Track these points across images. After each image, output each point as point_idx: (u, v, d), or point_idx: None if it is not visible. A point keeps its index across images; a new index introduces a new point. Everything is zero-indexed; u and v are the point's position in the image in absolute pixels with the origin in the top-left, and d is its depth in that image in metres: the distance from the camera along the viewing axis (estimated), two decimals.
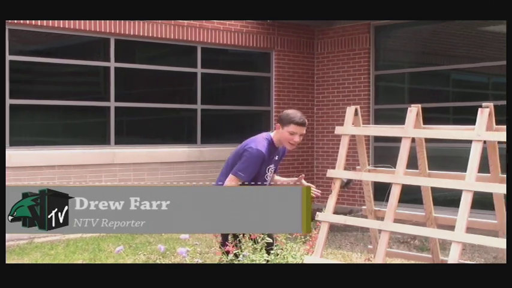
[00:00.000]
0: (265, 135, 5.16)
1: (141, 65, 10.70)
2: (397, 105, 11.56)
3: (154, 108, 10.97)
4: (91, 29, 9.82)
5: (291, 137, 4.90)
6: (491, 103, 3.51)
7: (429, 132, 3.87)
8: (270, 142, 5.03)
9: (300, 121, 4.87)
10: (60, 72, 10.02)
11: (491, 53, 11.08)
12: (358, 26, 12.01)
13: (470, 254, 7.61)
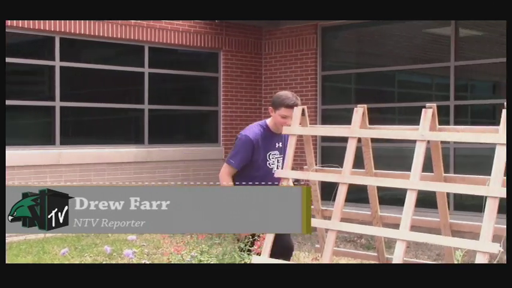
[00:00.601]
0: (261, 122, 4.98)
1: (87, 65, 10.56)
2: (344, 105, 11.69)
3: (101, 108, 10.83)
4: (35, 28, 9.64)
5: (284, 120, 4.66)
6: (435, 104, 3.58)
7: (375, 132, 3.92)
8: (264, 128, 4.85)
9: (291, 103, 4.64)
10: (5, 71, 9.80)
11: (435, 54, 11.31)
12: (305, 27, 12.10)
13: (415, 251, 7.76)
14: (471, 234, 3.69)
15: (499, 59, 10.54)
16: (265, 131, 4.83)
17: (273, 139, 4.84)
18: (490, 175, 3.19)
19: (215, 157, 12.18)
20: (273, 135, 4.84)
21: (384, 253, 4.43)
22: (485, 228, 3.09)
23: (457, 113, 10.53)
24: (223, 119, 12.33)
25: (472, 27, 10.83)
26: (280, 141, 4.90)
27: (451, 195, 9.50)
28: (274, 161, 4.85)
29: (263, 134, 4.79)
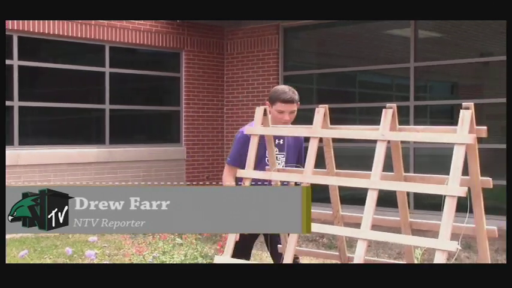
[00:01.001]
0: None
1: (46, 64, 10.42)
2: (305, 105, 11.74)
3: (61, 108, 10.70)
4: None
5: (280, 116, 4.55)
6: (395, 104, 3.62)
7: (336, 132, 3.95)
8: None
9: (287, 98, 4.54)
10: None
11: (395, 55, 11.45)
12: (267, 27, 12.12)
13: (376, 250, 7.83)
14: (431, 233, 3.74)
15: (458, 60, 10.73)
16: None
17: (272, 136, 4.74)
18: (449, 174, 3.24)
19: (177, 157, 12.13)
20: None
21: (346, 252, 4.46)
22: (444, 227, 3.13)
23: (417, 113, 10.68)
24: (185, 119, 12.29)
25: (431, 28, 10.99)
26: (280, 138, 4.75)
27: (411, 194, 9.63)
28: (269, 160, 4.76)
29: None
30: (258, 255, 7.83)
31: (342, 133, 3.98)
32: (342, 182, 3.92)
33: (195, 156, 12.44)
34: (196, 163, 12.50)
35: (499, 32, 10.50)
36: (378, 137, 3.56)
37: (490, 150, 9.71)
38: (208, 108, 12.64)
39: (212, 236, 5.45)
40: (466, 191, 3.18)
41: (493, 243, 7.62)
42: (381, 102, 9.23)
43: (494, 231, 3.64)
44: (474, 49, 10.74)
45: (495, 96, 10.45)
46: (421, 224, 4.14)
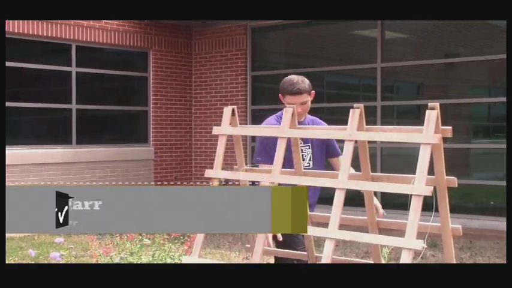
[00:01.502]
0: (278, 113, 4.53)
1: (11, 63, 10.27)
2: (274, 105, 11.77)
3: (27, 108, 10.57)
4: None
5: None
6: (362, 104, 3.64)
7: (304, 132, 3.97)
8: (280, 117, 4.40)
9: (294, 90, 4.37)
10: None
11: (362, 56, 11.53)
12: (235, 27, 12.13)
13: (343, 249, 7.88)
14: (397, 232, 3.77)
15: (424, 61, 10.86)
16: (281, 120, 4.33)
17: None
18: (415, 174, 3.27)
19: (145, 157, 12.06)
20: (292, 124, 4.42)
21: (314, 251, 4.48)
22: (410, 226, 3.16)
23: (384, 113, 10.77)
24: (153, 119, 12.23)
25: (397, 29, 11.09)
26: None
27: (378, 193, 9.70)
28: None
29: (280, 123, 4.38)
30: (226, 255, 7.82)
31: (310, 133, 4.00)
32: (310, 182, 3.93)
33: (163, 157, 12.39)
34: (165, 163, 12.44)
35: (464, 33, 10.65)
36: (345, 137, 3.58)
37: (455, 150, 9.85)
38: (176, 108, 12.60)
39: (180, 237, 5.42)
40: (431, 190, 3.22)
41: (457, 241, 7.73)
42: (348, 103, 9.30)
43: (459, 229, 3.69)
44: (440, 50, 10.87)
45: (460, 97, 10.60)
46: (388, 223, 4.18)
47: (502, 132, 10.62)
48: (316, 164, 4.49)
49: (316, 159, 4.51)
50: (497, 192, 10.06)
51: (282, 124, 3.88)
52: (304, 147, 4.47)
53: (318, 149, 4.51)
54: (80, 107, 11.21)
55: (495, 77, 10.59)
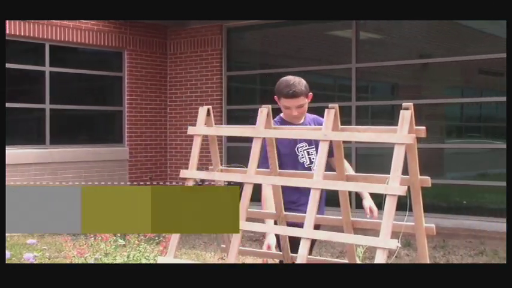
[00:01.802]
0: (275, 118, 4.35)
1: None
2: (249, 105, 11.78)
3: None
4: None
5: (288, 111, 4.22)
6: (337, 104, 3.66)
7: (279, 133, 3.97)
8: (278, 122, 4.31)
9: (290, 93, 4.16)
10: None
11: (337, 56, 11.58)
12: (211, 27, 12.11)
13: (318, 249, 7.91)
14: (372, 231, 3.79)
15: (398, 61, 10.93)
16: (281, 123, 4.27)
17: None
18: (389, 174, 3.29)
19: (120, 158, 12.00)
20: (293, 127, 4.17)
21: (289, 252, 4.49)
22: (385, 225, 3.18)
23: (359, 113, 10.83)
24: (128, 119, 12.16)
25: (371, 30, 11.16)
26: None
27: (353, 193, 9.76)
28: (304, 154, 4.31)
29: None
30: (201, 256, 7.81)
31: (285, 133, 4.01)
32: (285, 182, 3.94)
33: (138, 157, 12.33)
34: (139, 163, 12.39)
35: (438, 34, 10.75)
36: (321, 137, 3.60)
37: (428, 150, 9.93)
38: (151, 108, 12.54)
39: (155, 237, 5.40)
40: (405, 190, 3.24)
41: (431, 240, 7.80)
42: (323, 103, 9.32)
43: (433, 228, 3.72)
44: (414, 50, 10.96)
45: (434, 97, 10.69)
46: (363, 222, 4.20)
47: (475, 132, 10.73)
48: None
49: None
50: (470, 191, 10.16)
51: (257, 124, 3.88)
52: (310, 149, 4.32)
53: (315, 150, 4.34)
54: (54, 106, 11.11)
55: (468, 77, 10.70)
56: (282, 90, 4.18)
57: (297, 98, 4.17)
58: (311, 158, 4.24)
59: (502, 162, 9.60)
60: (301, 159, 4.26)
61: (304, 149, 4.22)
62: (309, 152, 4.23)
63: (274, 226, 4.21)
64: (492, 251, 7.58)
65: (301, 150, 4.24)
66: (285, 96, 4.17)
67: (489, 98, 10.46)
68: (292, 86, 4.14)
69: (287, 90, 4.15)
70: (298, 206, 4.30)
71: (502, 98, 10.26)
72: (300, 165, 4.22)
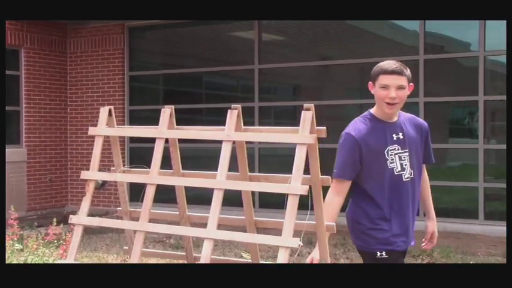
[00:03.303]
0: (364, 114, 3.79)
1: None
2: (152, 106, 11.67)
3: None
4: None
5: (385, 93, 3.57)
6: (240, 105, 3.69)
7: (182, 133, 3.96)
8: (369, 119, 3.69)
9: (390, 68, 3.57)
10: None
11: (240, 57, 11.66)
12: (112, 26, 11.91)
13: (222, 249, 7.94)
14: (275, 231, 3.84)
15: (300, 62, 11.12)
16: (372, 122, 3.67)
17: (386, 130, 3.64)
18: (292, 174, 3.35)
19: (17, 159, 11.61)
20: (385, 125, 3.66)
21: (192, 252, 4.48)
22: (287, 225, 3.24)
23: (261, 114, 10.95)
24: (25, 120, 11.78)
25: (274, 31, 11.31)
26: (397, 131, 3.67)
27: (256, 193, 9.85)
28: (394, 159, 3.63)
29: (370, 127, 3.64)
30: (103, 258, 7.68)
31: (188, 134, 4.00)
32: (188, 183, 3.94)
33: (37, 158, 11.96)
34: (38, 165, 12.02)
35: (338, 36, 11.02)
36: (224, 137, 3.61)
37: (329, 150, 10.16)
38: (50, 108, 12.20)
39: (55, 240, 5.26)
40: (307, 190, 3.31)
41: (332, 238, 7.98)
42: (226, 103, 9.38)
43: (333, 227, 3.81)
44: (315, 52, 11.18)
45: (334, 98, 10.95)
46: (266, 222, 4.25)
47: None
48: (417, 176, 3.71)
49: (415, 166, 3.70)
50: None
51: (159, 124, 3.85)
52: (403, 153, 3.67)
53: (416, 155, 3.73)
54: None
55: (367, 79, 11.03)
56: (382, 66, 3.62)
57: (400, 75, 3.58)
58: (403, 165, 3.62)
59: None
60: (391, 165, 3.62)
61: (396, 152, 3.62)
62: (401, 157, 3.62)
63: (176, 227, 4.19)
64: None
65: (392, 154, 3.62)
66: (385, 73, 3.58)
67: None
68: (395, 64, 3.63)
69: (388, 66, 3.60)
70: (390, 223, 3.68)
71: None
72: (388, 171, 3.62)
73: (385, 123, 3.66)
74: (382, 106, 3.61)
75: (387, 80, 3.57)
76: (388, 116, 3.66)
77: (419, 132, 3.73)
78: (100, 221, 4.25)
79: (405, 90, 3.59)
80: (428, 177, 4.00)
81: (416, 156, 3.69)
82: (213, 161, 4.48)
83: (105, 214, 10.68)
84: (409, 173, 3.64)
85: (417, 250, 7.25)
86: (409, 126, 3.70)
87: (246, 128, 3.79)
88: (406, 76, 3.59)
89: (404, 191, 3.63)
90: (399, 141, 3.63)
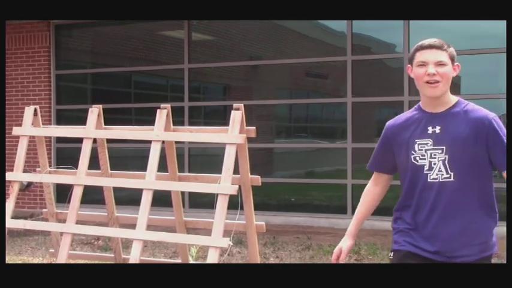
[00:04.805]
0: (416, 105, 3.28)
1: None
2: (80, 105, 11.46)
3: None
4: None
5: (423, 71, 3.04)
6: (169, 105, 3.67)
7: (110, 133, 3.91)
8: (415, 108, 3.21)
9: (427, 43, 3.09)
10: None
11: (170, 56, 11.59)
12: (37, 24, 11.63)
13: (152, 250, 7.87)
14: (205, 231, 3.84)
15: (229, 62, 11.15)
16: (415, 112, 3.19)
17: (423, 121, 3.13)
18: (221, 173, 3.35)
19: None
20: (428, 117, 3.12)
21: (121, 253, 4.43)
22: (216, 225, 3.24)
23: (191, 113, 10.91)
24: None
25: (204, 31, 11.29)
26: (438, 123, 3.09)
27: (186, 193, 9.81)
28: (425, 155, 3.07)
29: (408, 118, 3.19)
30: (29, 261, 7.49)
31: (117, 133, 3.95)
32: (117, 183, 3.90)
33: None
34: None
35: (268, 36, 11.10)
36: (153, 137, 3.59)
37: (259, 150, 10.22)
38: None
39: None
40: (237, 189, 3.32)
41: (262, 237, 8.04)
42: (156, 103, 9.30)
43: (263, 226, 3.84)
44: (244, 52, 11.22)
45: (264, 98, 11.02)
46: (195, 222, 4.25)
47: (303, 132, 11.20)
48: (461, 179, 3.04)
49: (460, 168, 3.04)
50: (299, 189, 10.59)
51: (87, 124, 3.79)
52: (435, 150, 3.07)
53: (461, 154, 3.05)
54: None
55: (296, 79, 11.14)
56: (419, 43, 3.14)
57: (438, 50, 3.07)
58: (431, 163, 3.05)
59: (326, 161, 10.13)
60: (420, 161, 3.08)
61: (427, 148, 3.06)
62: (432, 154, 3.06)
63: (104, 228, 4.13)
64: (317, 245, 7.93)
65: (422, 149, 3.08)
66: (421, 48, 3.09)
67: (315, 99, 10.99)
68: (434, 39, 3.13)
69: (425, 41, 3.12)
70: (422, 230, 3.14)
71: (326, 100, 10.82)
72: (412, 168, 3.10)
73: (426, 113, 3.12)
74: (423, 89, 3.09)
75: (422, 56, 3.07)
76: (433, 104, 3.11)
77: (474, 128, 3.03)
78: (25, 223, 4.15)
79: (447, 67, 3.05)
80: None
81: (464, 156, 3.03)
82: (142, 161, 4.45)
83: (30, 216, 10.43)
84: (438, 174, 3.04)
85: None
86: (459, 118, 3.07)
87: (176, 127, 3.77)
88: (447, 52, 3.07)
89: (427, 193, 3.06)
90: (434, 135, 3.06)
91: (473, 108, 3.10)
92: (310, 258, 7.41)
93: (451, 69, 3.06)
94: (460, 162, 3.02)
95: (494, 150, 3.02)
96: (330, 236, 8.37)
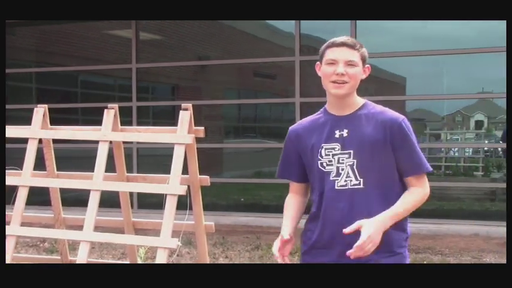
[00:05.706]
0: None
1: None
2: (25, 105, 11.25)
3: None
4: None
5: (331, 70, 2.85)
6: (117, 104, 3.64)
7: (56, 133, 3.85)
8: (320, 111, 3.01)
9: (339, 40, 2.90)
10: None
11: (117, 56, 11.48)
12: None
13: (100, 251, 7.78)
14: (154, 231, 3.82)
15: (178, 62, 11.11)
16: (322, 114, 2.99)
17: (328, 125, 2.93)
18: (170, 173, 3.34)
19: None
20: (334, 119, 2.92)
21: (68, 256, 4.37)
22: (165, 225, 3.23)
23: (140, 113, 10.83)
24: None
25: (152, 31, 11.22)
26: (346, 126, 2.89)
27: (134, 194, 9.73)
28: (332, 160, 2.87)
29: (313, 121, 2.99)
30: None
31: (63, 134, 3.89)
32: (63, 184, 3.84)
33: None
34: None
35: (215, 36, 11.10)
36: (100, 137, 3.56)
37: (208, 150, 10.21)
38: None
39: None
40: (185, 190, 3.31)
41: (211, 237, 8.03)
42: (103, 103, 9.19)
43: (212, 226, 3.84)
44: (193, 52, 11.20)
45: (212, 98, 11.02)
46: (144, 223, 4.22)
47: (251, 132, 11.24)
48: (369, 184, 2.83)
49: (366, 174, 2.84)
50: (247, 189, 10.63)
51: (32, 124, 3.73)
52: (342, 155, 2.88)
53: (370, 160, 2.85)
54: None
55: (244, 80, 11.18)
56: (330, 41, 2.95)
57: (349, 49, 2.88)
58: (339, 169, 2.85)
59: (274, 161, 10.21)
60: (327, 167, 2.88)
61: (334, 153, 2.87)
62: (340, 160, 2.85)
63: (50, 230, 4.07)
64: (267, 245, 7.96)
65: (329, 155, 2.87)
66: (332, 45, 2.91)
67: (263, 99, 11.04)
68: (347, 37, 2.97)
69: (337, 38, 2.93)
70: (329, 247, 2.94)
71: (274, 100, 10.88)
72: (319, 174, 2.91)
73: (332, 116, 2.94)
74: (328, 88, 2.89)
75: (332, 54, 2.88)
76: (339, 106, 2.92)
77: (382, 131, 2.85)
78: None
79: (357, 68, 2.88)
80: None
81: (373, 160, 2.84)
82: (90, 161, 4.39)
83: None
84: (347, 180, 2.84)
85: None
86: (367, 121, 2.89)
87: (124, 127, 3.74)
88: (359, 52, 2.89)
89: (335, 201, 2.84)
90: (341, 138, 2.87)
91: (381, 110, 2.93)
92: (259, 258, 7.44)
93: (361, 70, 2.90)
94: (369, 167, 2.83)
95: (401, 154, 2.84)
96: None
